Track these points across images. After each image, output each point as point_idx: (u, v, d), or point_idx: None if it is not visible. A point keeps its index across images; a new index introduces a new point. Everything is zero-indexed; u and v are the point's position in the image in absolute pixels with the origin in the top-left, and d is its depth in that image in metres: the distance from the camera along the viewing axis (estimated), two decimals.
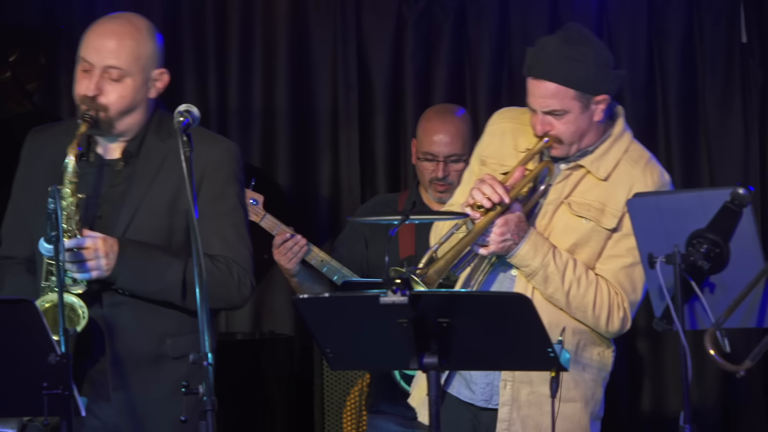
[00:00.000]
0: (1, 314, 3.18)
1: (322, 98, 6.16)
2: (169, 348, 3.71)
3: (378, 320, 3.31)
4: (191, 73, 6.15)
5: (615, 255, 3.84)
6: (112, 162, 3.76)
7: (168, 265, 3.68)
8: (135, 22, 3.77)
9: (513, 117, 3.97)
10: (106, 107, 3.68)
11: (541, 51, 3.77)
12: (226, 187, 3.77)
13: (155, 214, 3.73)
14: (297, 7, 6.14)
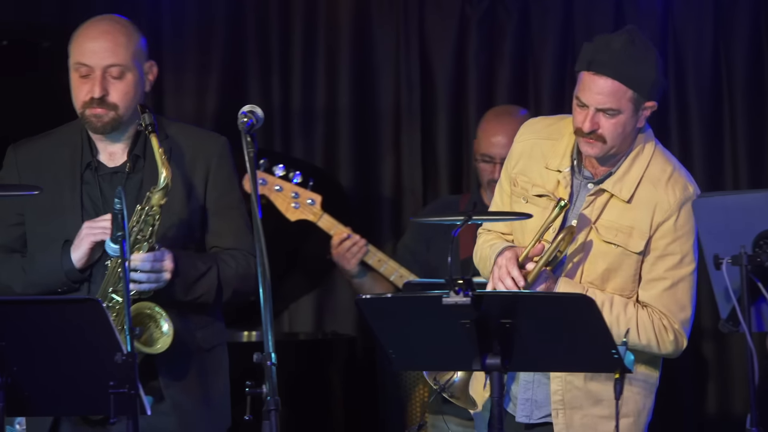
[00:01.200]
0: (67, 313, 3.20)
1: (385, 98, 6.15)
2: (200, 340, 3.82)
3: (440, 321, 3.31)
4: (255, 73, 6.17)
5: (654, 279, 3.77)
6: (119, 169, 3.83)
7: (207, 271, 3.79)
8: (119, 20, 3.86)
9: (542, 129, 3.91)
10: (116, 105, 3.76)
11: (605, 47, 3.72)
12: (231, 180, 3.88)
13: (174, 214, 3.80)
14: (360, 7, 6.15)
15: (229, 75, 6.17)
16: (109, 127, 3.77)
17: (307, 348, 5.80)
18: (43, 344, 3.19)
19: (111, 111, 3.74)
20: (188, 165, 3.83)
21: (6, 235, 3.89)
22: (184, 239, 3.82)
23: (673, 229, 3.74)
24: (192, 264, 3.77)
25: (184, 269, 3.73)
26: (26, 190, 3.63)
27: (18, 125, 5.32)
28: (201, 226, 3.85)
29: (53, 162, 3.82)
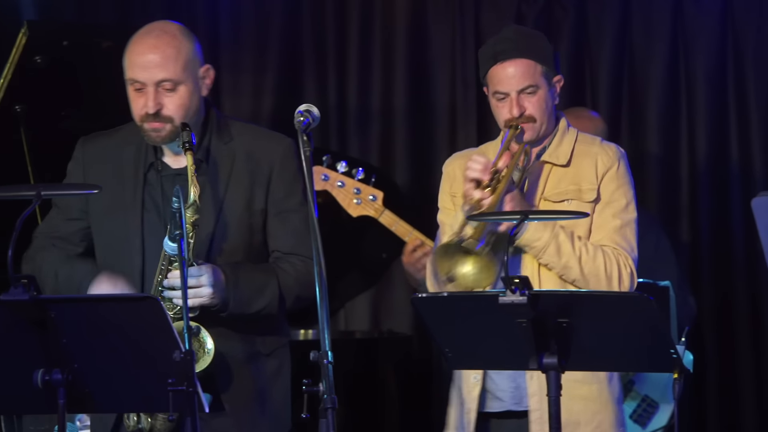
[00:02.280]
0: (126, 311, 3.23)
1: (440, 96, 6.15)
2: (260, 345, 3.82)
3: (497, 320, 3.30)
4: (311, 72, 6.19)
5: (604, 223, 3.91)
6: (182, 171, 3.82)
7: (266, 283, 3.78)
8: (169, 30, 3.83)
9: (463, 156, 4.10)
10: (171, 118, 3.75)
11: (501, 39, 3.96)
12: (292, 184, 3.85)
13: (235, 217, 3.80)
14: (416, 6, 6.15)
15: (285, 74, 6.19)
16: (167, 139, 3.78)
17: (364, 347, 5.81)
18: (103, 341, 3.21)
19: (167, 124, 3.75)
20: (251, 167, 3.83)
21: (64, 227, 3.94)
22: (244, 243, 3.82)
23: (616, 177, 3.93)
24: (250, 277, 3.76)
25: (236, 284, 3.73)
26: (87, 189, 3.66)
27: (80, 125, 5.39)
28: (262, 229, 3.85)
29: (118, 159, 3.83)
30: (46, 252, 3.94)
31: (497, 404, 3.92)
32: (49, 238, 3.96)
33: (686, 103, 5.96)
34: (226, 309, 3.74)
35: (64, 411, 3.18)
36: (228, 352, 3.77)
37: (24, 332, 3.17)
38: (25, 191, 3.46)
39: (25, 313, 3.14)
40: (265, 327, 3.85)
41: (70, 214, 3.94)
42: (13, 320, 3.15)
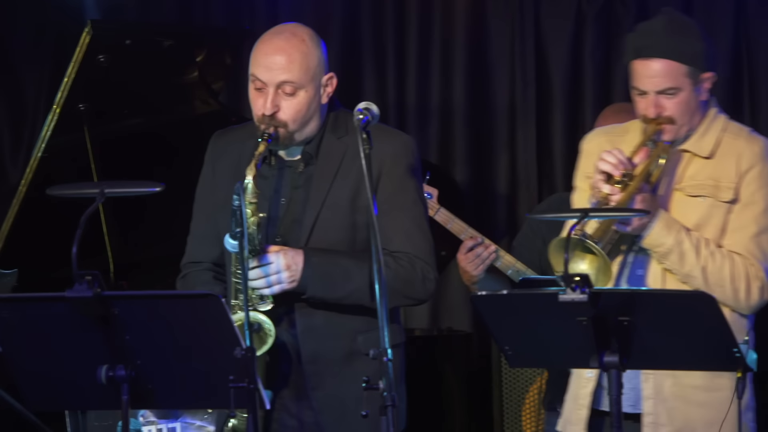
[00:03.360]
0: (188, 308, 3.25)
1: (500, 94, 6.14)
2: (361, 344, 3.75)
3: (557, 318, 3.29)
4: (370, 70, 6.21)
5: (740, 227, 3.78)
6: (292, 163, 3.81)
7: (353, 269, 3.71)
8: (299, 34, 3.77)
9: (605, 132, 3.97)
10: (285, 123, 3.72)
11: (647, 32, 3.79)
12: (404, 181, 3.78)
13: (338, 212, 3.76)
14: (475, 3, 6.14)
15: (344, 72, 6.21)
16: (281, 144, 3.74)
17: (423, 344, 5.81)
18: (165, 338, 3.23)
19: (281, 128, 3.71)
20: (359, 162, 3.65)
21: (200, 252, 3.90)
22: (346, 239, 3.77)
23: (758, 177, 3.77)
24: (335, 261, 3.71)
25: (317, 266, 3.68)
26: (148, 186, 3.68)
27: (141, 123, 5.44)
28: (367, 226, 3.70)
29: (240, 153, 3.79)
30: (198, 273, 3.89)
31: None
32: (193, 264, 3.92)
33: (749, 100, 5.90)
34: (305, 291, 3.71)
35: (127, 407, 3.21)
36: (322, 353, 3.75)
37: (88, 329, 3.20)
38: (88, 189, 3.49)
39: (89, 309, 3.17)
40: (369, 326, 3.73)
41: (209, 211, 3.87)
42: (78, 317, 3.19)
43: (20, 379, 3.28)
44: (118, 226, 5.28)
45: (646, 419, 3.77)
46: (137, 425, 4.22)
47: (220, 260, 3.84)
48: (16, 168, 6.39)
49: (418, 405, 5.43)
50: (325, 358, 3.75)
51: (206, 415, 4.18)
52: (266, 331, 3.66)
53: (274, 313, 3.70)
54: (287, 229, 3.76)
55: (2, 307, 3.23)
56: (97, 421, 4.45)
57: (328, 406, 3.75)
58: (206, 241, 3.86)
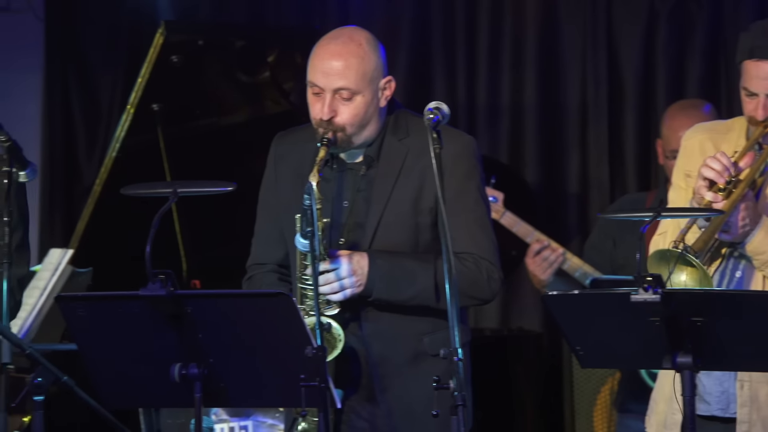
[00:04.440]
0: (259, 307, 3.27)
1: (571, 93, 6.11)
2: (427, 345, 3.75)
3: (629, 318, 3.27)
4: (440, 70, 6.21)
5: None
6: (354, 166, 3.81)
7: (418, 270, 3.71)
8: (356, 38, 3.76)
9: (707, 129, 3.88)
10: (343, 127, 3.71)
11: (761, 33, 3.69)
12: (466, 182, 3.77)
13: (401, 214, 3.76)
14: (546, 2, 6.12)
15: (415, 72, 6.21)
16: (339, 148, 3.74)
17: (493, 345, 5.80)
18: (238, 337, 3.25)
19: (339, 132, 3.71)
20: (422, 164, 3.74)
21: (266, 254, 3.91)
22: (409, 241, 3.77)
23: None
24: (400, 263, 3.71)
25: (382, 268, 3.69)
26: (221, 186, 3.70)
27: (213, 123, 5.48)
28: (431, 227, 3.76)
29: (302, 156, 3.80)
30: (263, 274, 3.91)
31: (704, 407, 3.76)
32: (258, 266, 3.94)
33: None
34: (371, 294, 3.72)
35: (200, 405, 3.23)
36: (389, 355, 3.74)
37: (162, 327, 3.23)
38: (162, 189, 3.52)
39: (163, 308, 3.20)
40: (435, 327, 3.73)
41: (274, 213, 3.88)
42: (152, 315, 3.22)
43: (96, 376, 3.32)
44: (191, 225, 5.33)
45: (740, 427, 3.71)
46: (210, 423, 4.26)
47: (284, 262, 3.85)
48: (91, 168, 6.47)
49: (488, 405, 5.43)
50: (393, 361, 3.75)
51: (277, 414, 4.20)
52: (335, 336, 3.67)
53: (341, 317, 3.72)
54: (351, 233, 3.77)
55: (78, 306, 3.27)
56: (171, 419, 4.49)
57: (398, 408, 3.75)
58: (270, 243, 3.87)
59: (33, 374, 3.30)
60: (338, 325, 3.68)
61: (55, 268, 4.90)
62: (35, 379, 3.29)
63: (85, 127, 6.57)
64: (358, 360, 3.75)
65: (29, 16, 6.60)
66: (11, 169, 3.70)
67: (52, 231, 6.57)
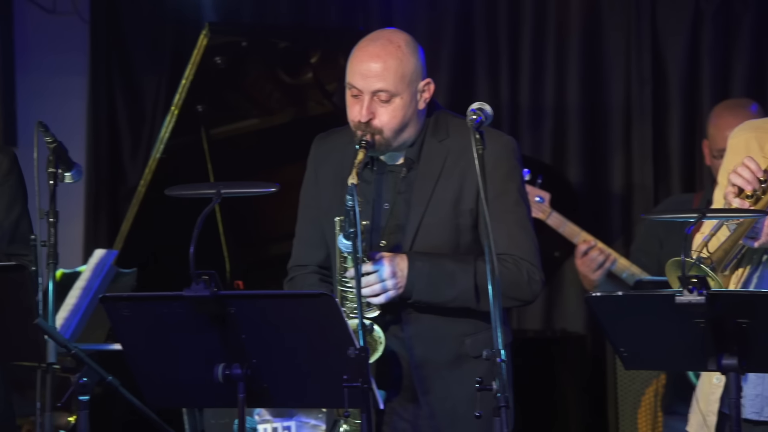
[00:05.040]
0: (302, 308, 3.27)
1: (615, 93, 6.09)
2: (469, 347, 3.75)
3: (673, 320, 3.25)
4: (483, 70, 6.20)
5: None
6: (395, 168, 3.81)
7: (458, 272, 3.71)
8: (395, 41, 3.75)
9: (754, 127, 3.80)
10: (381, 129, 3.71)
11: None
12: (506, 183, 3.76)
13: (442, 215, 3.76)
14: (590, 1, 6.09)
15: (458, 73, 6.21)
16: (377, 150, 3.74)
17: (536, 346, 5.78)
18: (280, 337, 3.26)
19: (377, 134, 3.71)
20: (462, 165, 3.75)
21: (307, 256, 3.92)
22: (450, 242, 3.76)
23: None
24: (439, 265, 3.71)
25: (422, 270, 3.69)
26: (265, 187, 3.71)
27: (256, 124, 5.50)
28: (471, 229, 3.76)
29: (342, 158, 3.80)
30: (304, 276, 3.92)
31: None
32: (300, 268, 3.95)
33: None
34: (411, 296, 3.72)
35: (243, 405, 3.24)
36: (430, 357, 3.74)
37: (205, 327, 3.24)
38: (205, 189, 3.54)
39: (206, 308, 3.21)
40: (476, 328, 3.74)
41: (313, 215, 3.89)
42: (195, 316, 3.23)
43: (140, 376, 3.33)
44: (234, 226, 5.35)
45: None
46: (253, 423, 4.27)
47: (325, 263, 3.85)
48: (136, 169, 6.51)
49: (532, 407, 5.41)
50: (434, 363, 3.75)
51: (320, 415, 4.21)
52: (376, 339, 3.67)
53: (382, 319, 3.72)
54: (391, 235, 3.77)
55: (122, 306, 3.29)
56: (214, 419, 4.51)
57: (440, 410, 3.75)
58: (312, 245, 3.88)
59: (78, 374, 3.32)
60: (379, 328, 3.68)
61: (99, 268, 4.94)
62: (80, 379, 3.31)
63: (130, 129, 6.61)
64: (399, 362, 3.75)
65: (75, 18, 6.66)
66: (57, 170, 3.73)
67: (97, 232, 6.62)
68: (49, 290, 3.64)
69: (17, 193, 3.97)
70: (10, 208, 3.94)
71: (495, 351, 3.27)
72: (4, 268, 3.49)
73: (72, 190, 4.80)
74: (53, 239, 3.67)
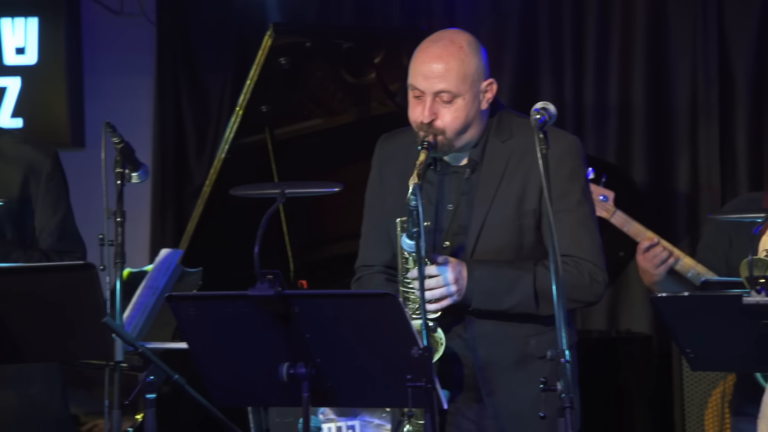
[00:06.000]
0: (366, 307, 3.28)
1: (681, 92, 6.04)
2: (533, 348, 3.74)
3: (741, 321, 3.22)
4: (547, 69, 6.17)
5: None
6: (458, 169, 3.81)
7: (518, 280, 3.70)
8: (457, 41, 3.75)
9: None
10: (443, 130, 3.71)
11: None
12: (569, 183, 3.74)
13: (505, 217, 3.75)
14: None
15: (521, 72, 6.19)
16: (440, 151, 3.75)
17: (601, 346, 5.76)
18: (344, 336, 3.27)
19: (439, 135, 3.71)
20: (526, 165, 3.74)
21: (372, 256, 3.93)
22: (513, 243, 3.76)
23: None
24: (499, 272, 3.70)
25: (481, 278, 3.68)
26: (328, 186, 3.73)
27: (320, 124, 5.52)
28: (535, 229, 3.75)
29: (406, 158, 3.80)
30: (371, 276, 3.93)
31: None
32: (366, 268, 3.96)
33: None
34: (469, 304, 3.72)
35: (308, 404, 3.26)
36: (495, 359, 3.74)
37: (270, 327, 3.26)
38: (270, 189, 3.56)
39: (271, 307, 3.23)
40: (541, 330, 3.74)
41: (379, 217, 3.89)
42: (260, 315, 3.25)
43: (206, 375, 3.36)
44: (298, 226, 5.37)
45: None
46: (317, 422, 4.29)
47: (392, 263, 3.85)
48: (201, 169, 6.56)
49: (597, 407, 5.39)
50: (498, 364, 3.75)
51: (384, 414, 4.21)
52: (437, 340, 3.68)
53: (444, 320, 3.72)
54: (455, 236, 3.77)
55: (188, 305, 3.32)
56: (279, 418, 4.53)
57: (504, 411, 3.75)
58: (377, 245, 3.89)
59: (145, 372, 3.36)
60: (440, 329, 3.69)
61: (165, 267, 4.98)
62: (147, 377, 3.34)
63: (195, 129, 6.67)
64: (461, 363, 3.75)
65: (142, 19, 6.73)
66: (124, 170, 3.77)
67: (163, 231, 6.68)
68: (117, 289, 3.68)
69: (61, 192, 4.04)
70: (56, 208, 4.01)
71: (559, 351, 3.26)
72: (73, 267, 3.54)
73: (139, 190, 4.86)
74: (120, 239, 3.71)
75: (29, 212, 4.00)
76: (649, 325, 5.94)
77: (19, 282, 3.48)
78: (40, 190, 4.00)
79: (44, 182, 4.00)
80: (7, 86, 6.72)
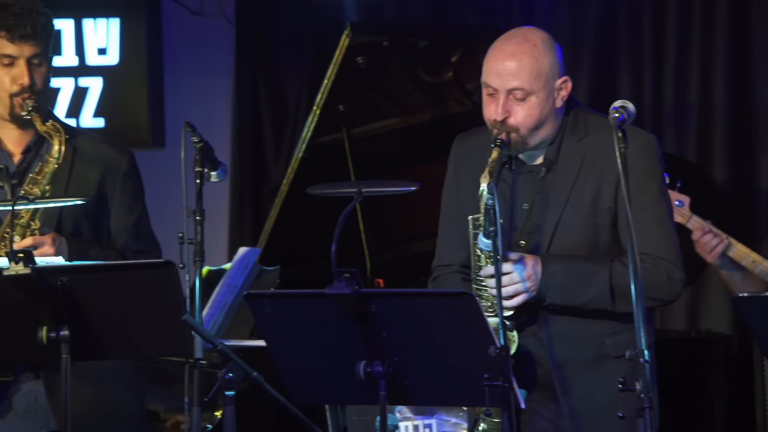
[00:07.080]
0: (443, 306, 3.28)
1: (762, 91, 5.97)
2: (610, 347, 3.72)
3: None
4: (626, 67, 6.13)
5: None
6: (534, 168, 3.79)
7: (593, 275, 3.68)
8: (531, 39, 3.74)
9: None
10: (516, 128, 3.70)
11: None
12: (645, 181, 3.71)
13: (580, 215, 3.73)
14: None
15: (600, 70, 6.15)
16: (513, 149, 3.74)
17: (681, 347, 5.70)
18: (421, 335, 3.27)
19: (513, 133, 3.71)
20: (601, 163, 3.72)
21: (449, 256, 3.93)
22: (588, 241, 3.74)
23: None
24: (574, 268, 3.69)
25: (556, 273, 3.67)
26: (406, 186, 3.72)
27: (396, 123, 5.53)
28: (610, 228, 3.74)
29: (482, 157, 3.77)
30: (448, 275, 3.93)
31: None
32: (443, 267, 3.96)
33: None
34: (544, 299, 3.70)
35: (385, 402, 3.26)
36: (570, 357, 3.73)
37: (347, 325, 3.26)
38: (347, 188, 3.57)
39: (348, 306, 3.24)
40: (617, 329, 3.71)
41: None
42: (337, 313, 3.26)
43: (284, 373, 3.38)
44: (375, 224, 5.38)
45: None
46: (394, 420, 4.30)
47: (468, 262, 3.84)
48: (279, 168, 6.60)
49: (676, 408, 5.34)
50: (574, 363, 3.73)
51: (461, 413, 4.21)
52: (509, 338, 3.67)
53: (519, 319, 3.71)
54: (530, 234, 3.76)
55: (266, 304, 3.34)
56: (356, 416, 4.55)
57: (581, 410, 3.73)
58: (454, 245, 3.88)
59: (224, 370, 3.38)
60: (512, 327, 3.68)
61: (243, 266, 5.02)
62: (226, 375, 3.37)
63: (273, 128, 6.71)
64: (536, 362, 3.74)
65: (221, 20, 6.78)
66: (203, 169, 3.81)
67: (242, 230, 6.74)
68: (196, 287, 3.71)
69: (136, 193, 4.08)
70: (131, 208, 4.05)
71: (638, 351, 3.24)
72: (153, 264, 3.58)
73: (217, 189, 4.89)
74: (200, 237, 3.74)
75: (105, 212, 4.04)
76: (730, 325, 5.88)
77: (100, 280, 3.51)
78: (116, 189, 4.04)
79: (120, 182, 4.04)
80: (89, 86, 6.81)
